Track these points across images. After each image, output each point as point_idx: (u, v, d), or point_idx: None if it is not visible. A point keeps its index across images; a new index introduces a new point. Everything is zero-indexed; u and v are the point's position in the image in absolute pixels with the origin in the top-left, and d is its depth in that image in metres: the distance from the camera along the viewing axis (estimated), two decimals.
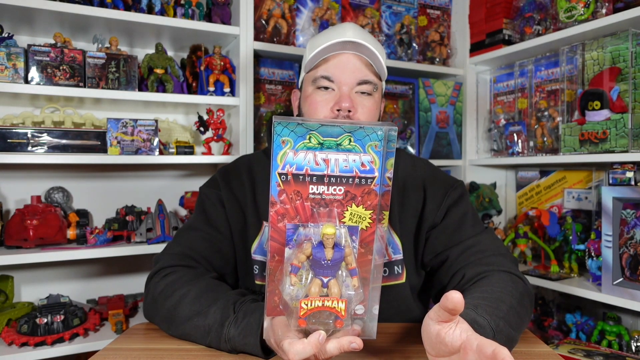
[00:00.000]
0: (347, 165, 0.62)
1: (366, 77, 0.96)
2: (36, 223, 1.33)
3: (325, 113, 0.95)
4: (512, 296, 0.81)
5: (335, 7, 1.77)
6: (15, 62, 1.30)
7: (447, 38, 2.01)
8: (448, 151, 2.00)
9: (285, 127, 0.61)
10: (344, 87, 0.95)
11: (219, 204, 1.02)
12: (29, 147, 1.33)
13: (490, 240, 0.97)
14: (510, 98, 1.88)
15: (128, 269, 1.69)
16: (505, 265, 0.90)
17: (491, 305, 0.75)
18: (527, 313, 0.84)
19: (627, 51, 1.43)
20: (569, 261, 1.64)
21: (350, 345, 0.63)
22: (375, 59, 0.96)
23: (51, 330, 1.29)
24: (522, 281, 0.88)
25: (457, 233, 0.97)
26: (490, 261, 0.90)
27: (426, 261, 1.01)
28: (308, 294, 0.61)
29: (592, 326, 1.59)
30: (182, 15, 1.50)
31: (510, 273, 0.87)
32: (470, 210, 1.02)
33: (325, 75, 0.96)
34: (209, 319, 0.80)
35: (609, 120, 1.41)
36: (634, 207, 1.35)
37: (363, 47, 0.94)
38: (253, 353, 0.77)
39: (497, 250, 0.94)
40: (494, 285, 0.82)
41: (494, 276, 0.86)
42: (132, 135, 1.41)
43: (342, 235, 0.63)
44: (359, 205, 0.64)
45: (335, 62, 0.96)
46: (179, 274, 0.91)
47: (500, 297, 0.79)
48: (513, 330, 0.75)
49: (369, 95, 0.97)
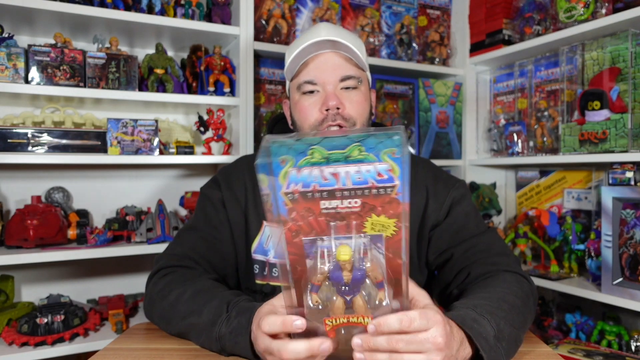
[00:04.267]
0: (361, 177, 0.57)
1: (348, 72, 0.97)
2: (36, 223, 1.33)
3: (315, 116, 0.96)
4: (517, 296, 0.81)
5: (335, 7, 1.77)
6: (16, 62, 1.30)
7: (447, 38, 2.02)
8: (448, 151, 2.00)
9: (281, 146, 0.56)
10: (328, 86, 0.96)
11: (219, 204, 1.02)
12: (30, 147, 1.33)
13: (495, 239, 0.97)
14: (510, 98, 1.88)
15: (128, 269, 1.69)
16: (510, 265, 0.90)
17: (492, 305, 0.75)
18: (531, 313, 0.84)
19: (626, 51, 1.43)
20: (568, 261, 1.64)
21: (321, 346, 0.61)
22: (353, 53, 0.96)
23: (51, 330, 1.29)
24: (527, 281, 0.88)
25: (461, 231, 0.97)
26: (495, 260, 0.91)
27: (431, 260, 1.01)
28: (331, 312, 0.59)
29: (592, 326, 1.59)
30: (182, 16, 1.51)
31: (515, 273, 0.88)
32: (473, 209, 1.02)
33: (307, 80, 0.97)
34: (202, 317, 0.80)
35: (609, 120, 1.42)
36: (633, 207, 1.35)
37: (338, 44, 0.95)
38: (242, 354, 0.74)
39: (501, 250, 0.94)
40: (498, 286, 0.82)
41: (499, 276, 0.86)
42: (132, 135, 1.42)
43: (362, 247, 0.59)
44: (380, 215, 0.58)
45: (314, 64, 0.97)
46: (177, 274, 0.91)
47: (503, 297, 0.79)
48: (516, 329, 0.75)
49: (355, 89, 0.98)
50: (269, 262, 0.99)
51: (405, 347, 0.60)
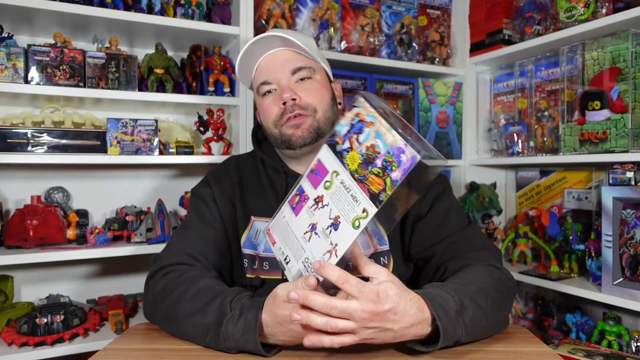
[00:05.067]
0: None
1: (297, 64, 1.00)
2: (36, 223, 1.33)
3: (275, 112, 1.00)
4: (485, 281, 0.84)
5: (335, 7, 1.77)
6: (15, 62, 1.30)
7: (447, 38, 2.01)
8: (448, 151, 2.00)
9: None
10: (282, 81, 0.99)
11: (211, 200, 1.05)
12: (29, 147, 1.33)
13: (474, 234, 1.00)
14: (510, 98, 1.88)
15: (128, 269, 1.69)
16: (487, 259, 0.93)
17: (459, 284, 0.81)
18: (504, 298, 0.87)
19: (627, 51, 1.43)
20: (569, 261, 1.64)
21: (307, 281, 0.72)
22: (299, 47, 0.99)
23: (51, 330, 1.29)
24: (501, 271, 0.91)
25: (442, 228, 0.99)
26: (473, 255, 0.94)
27: (412, 254, 1.02)
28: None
29: (592, 326, 1.59)
30: (182, 15, 1.50)
31: (490, 266, 0.90)
32: (455, 204, 1.05)
33: (262, 81, 1.01)
34: (207, 317, 0.81)
35: (609, 120, 1.41)
36: (634, 207, 1.35)
37: (283, 40, 0.98)
38: (254, 351, 0.77)
39: (481, 245, 0.97)
40: (469, 273, 0.87)
41: (473, 267, 0.90)
42: (132, 135, 1.41)
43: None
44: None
45: (264, 65, 1.02)
46: (178, 272, 0.91)
47: (472, 281, 0.83)
48: (482, 309, 0.79)
49: (309, 78, 1.01)
50: (258, 256, 1.02)
51: (337, 314, 0.68)
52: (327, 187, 0.77)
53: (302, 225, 0.79)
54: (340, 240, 0.73)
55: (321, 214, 0.77)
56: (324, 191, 0.77)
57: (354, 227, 0.71)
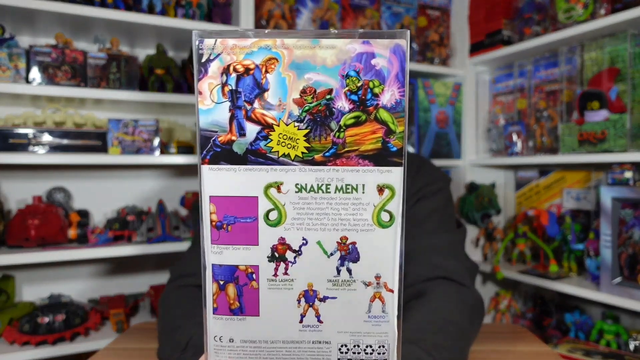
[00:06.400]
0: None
1: None
2: (37, 223, 1.33)
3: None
4: (462, 314, 0.79)
5: (335, 8, 1.77)
6: (17, 63, 1.30)
7: (446, 38, 2.02)
8: (448, 151, 2.01)
9: None
10: None
11: None
12: (31, 147, 1.34)
13: (449, 241, 0.93)
14: (510, 98, 1.89)
15: (129, 269, 1.70)
16: (451, 269, 0.86)
17: (437, 335, 0.73)
18: (476, 329, 0.83)
19: (625, 52, 1.44)
20: (567, 261, 1.65)
21: None
22: None
23: (52, 329, 1.30)
24: (469, 290, 0.85)
25: (417, 226, 0.94)
26: (436, 262, 0.88)
27: None
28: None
29: (591, 325, 1.60)
30: (182, 16, 1.51)
31: (454, 282, 0.85)
32: (442, 207, 0.99)
33: None
34: (165, 348, 0.79)
35: (608, 121, 1.42)
36: (632, 207, 1.36)
37: None
38: None
39: (450, 252, 0.90)
40: (439, 302, 0.80)
41: (438, 289, 0.83)
42: (133, 135, 1.42)
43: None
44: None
45: None
46: (186, 290, 0.90)
47: (448, 319, 0.77)
48: (462, 353, 0.75)
49: None
50: None
51: None
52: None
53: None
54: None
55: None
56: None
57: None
